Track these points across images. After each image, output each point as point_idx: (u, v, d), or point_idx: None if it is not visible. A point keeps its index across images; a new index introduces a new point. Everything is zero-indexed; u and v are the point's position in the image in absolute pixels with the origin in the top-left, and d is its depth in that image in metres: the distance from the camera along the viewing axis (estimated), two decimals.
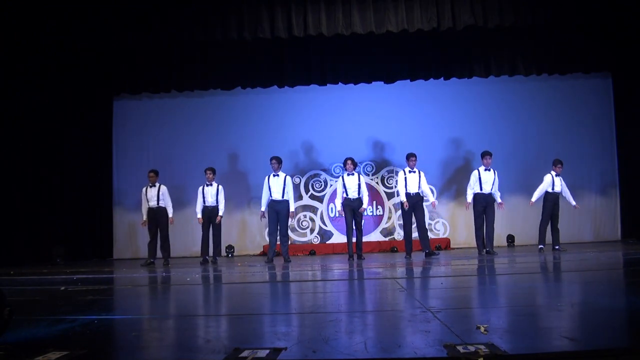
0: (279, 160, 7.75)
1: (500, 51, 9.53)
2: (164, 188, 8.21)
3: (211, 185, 8.06)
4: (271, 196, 7.62)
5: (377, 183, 10.08)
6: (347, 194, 7.64)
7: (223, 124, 10.45)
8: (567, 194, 7.99)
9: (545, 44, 9.36)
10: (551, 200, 7.82)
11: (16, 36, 8.39)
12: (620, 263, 5.88)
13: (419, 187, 7.56)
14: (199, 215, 8.03)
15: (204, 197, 8.03)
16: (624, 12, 8.46)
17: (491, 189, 7.57)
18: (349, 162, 7.75)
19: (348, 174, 7.71)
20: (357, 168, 8.00)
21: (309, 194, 10.08)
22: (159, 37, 8.68)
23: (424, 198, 7.76)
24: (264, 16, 8.41)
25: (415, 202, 7.56)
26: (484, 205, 7.57)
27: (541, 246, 7.68)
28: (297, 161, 10.34)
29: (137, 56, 9.61)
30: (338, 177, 9.93)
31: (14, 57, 8.58)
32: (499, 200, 7.73)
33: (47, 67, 9.21)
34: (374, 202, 10.05)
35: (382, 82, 9.88)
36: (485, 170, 7.61)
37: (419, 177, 7.57)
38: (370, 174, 10.15)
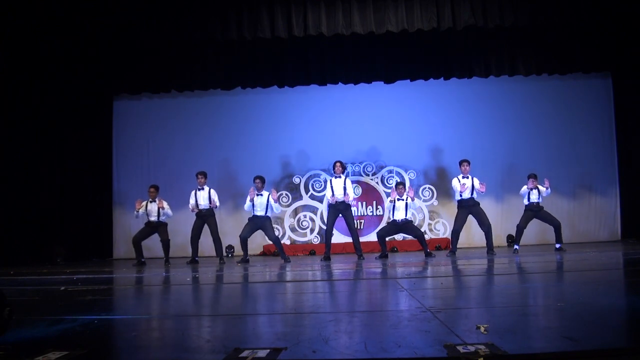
0: (262, 180, 7.80)
1: (500, 51, 9.53)
2: (165, 204, 8.19)
3: (203, 189, 8.06)
4: (254, 212, 7.72)
5: (377, 183, 10.08)
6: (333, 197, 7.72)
7: (223, 124, 10.46)
8: (542, 191, 7.91)
9: (545, 44, 9.37)
10: (530, 209, 7.89)
11: (16, 36, 8.39)
12: (620, 263, 5.87)
13: (406, 213, 7.67)
14: (193, 208, 8.07)
15: (196, 201, 8.04)
16: (624, 12, 8.46)
17: (471, 194, 7.60)
18: (338, 164, 7.84)
19: (335, 177, 7.78)
20: (345, 171, 8.09)
21: (309, 194, 10.09)
22: (159, 37, 8.69)
23: (412, 221, 8.03)
24: (264, 16, 8.42)
25: (402, 226, 7.72)
26: (467, 211, 7.62)
27: (516, 247, 7.73)
28: (297, 161, 10.34)
29: (137, 56, 9.61)
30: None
31: (14, 58, 8.57)
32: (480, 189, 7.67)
33: (47, 67, 9.21)
34: (374, 202, 10.06)
35: (382, 82, 9.88)
36: (464, 177, 7.64)
37: (406, 205, 7.66)
38: (370, 174, 10.16)
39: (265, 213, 7.74)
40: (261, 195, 7.74)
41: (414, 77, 9.86)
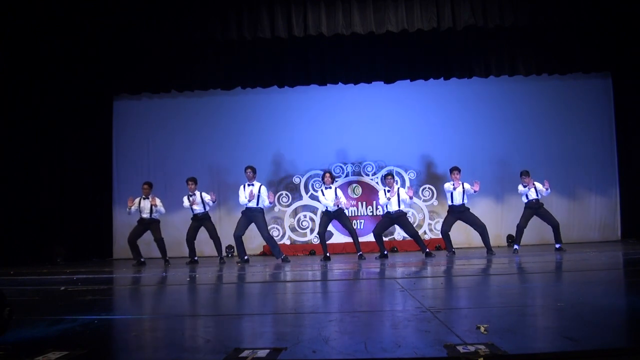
0: (253, 170, 7.82)
1: (500, 51, 9.53)
2: (158, 201, 8.17)
3: (194, 195, 8.05)
4: (247, 204, 7.70)
5: (377, 183, 10.08)
6: (326, 207, 7.79)
7: (223, 124, 10.46)
8: (541, 190, 7.91)
9: (545, 44, 9.37)
10: (530, 207, 7.87)
11: (16, 36, 8.39)
12: (620, 263, 5.87)
13: (399, 205, 7.65)
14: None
15: (191, 207, 8.04)
16: (624, 12, 8.46)
17: (462, 200, 7.65)
18: (327, 175, 7.92)
19: (326, 188, 7.82)
20: (334, 181, 8.14)
21: (309, 194, 10.09)
22: (159, 37, 8.69)
23: (406, 214, 7.98)
24: (264, 16, 8.42)
25: (396, 218, 7.71)
26: (456, 216, 7.74)
27: (516, 247, 7.70)
28: (297, 161, 10.35)
29: (137, 56, 9.61)
30: (338, 177, 9.99)
31: (14, 58, 8.57)
32: (473, 188, 7.69)
33: (47, 67, 9.21)
34: (374, 202, 10.06)
35: (382, 82, 9.89)
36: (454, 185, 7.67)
37: (398, 196, 7.66)
38: (370, 174, 10.16)
39: (257, 204, 7.70)
40: (252, 185, 7.72)
41: (414, 77, 9.86)
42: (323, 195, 7.83)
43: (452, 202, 7.72)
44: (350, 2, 8.37)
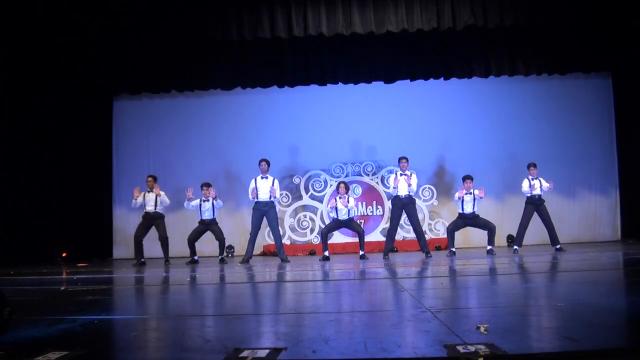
0: (268, 163, 7.81)
1: (500, 51, 9.52)
2: (162, 192, 8.18)
3: (208, 200, 8.05)
4: (258, 198, 7.65)
5: (377, 183, 10.08)
6: (337, 215, 7.83)
7: (223, 124, 10.46)
8: (545, 187, 7.91)
9: (545, 44, 9.36)
10: (532, 203, 7.83)
11: (16, 36, 8.39)
12: (620, 263, 5.87)
13: (409, 189, 7.60)
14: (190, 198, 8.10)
15: (200, 212, 8.04)
16: (624, 12, 8.46)
17: (473, 209, 7.64)
18: (342, 186, 7.92)
19: (340, 197, 7.79)
20: (348, 191, 8.16)
21: (309, 194, 10.09)
22: (159, 37, 8.68)
23: (415, 201, 7.91)
24: (264, 16, 8.41)
25: (406, 205, 7.61)
26: (467, 222, 7.77)
27: (516, 247, 7.69)
28: (297, 161, 10.35)
29: (137, 56, 9.61)
30: (338, 177, 9.96)
31: (14, 58, 8.57)
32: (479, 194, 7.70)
33: (47, 67, 9.20)
34: (374, 202, 10.06)
35: (382, 82, 9.88)
36: (467, 194, 7.65)
37: (410, 179, 7.61)
38: (370, 174, 10.16)
39: (270, 198, 7.68)
40: (266, 178, 7.71)
41: (414, 77, 9.85)
42: (335, 203, 7.83)
43: (462, 210, 7.70)
44: (350, 2, 8.36)
